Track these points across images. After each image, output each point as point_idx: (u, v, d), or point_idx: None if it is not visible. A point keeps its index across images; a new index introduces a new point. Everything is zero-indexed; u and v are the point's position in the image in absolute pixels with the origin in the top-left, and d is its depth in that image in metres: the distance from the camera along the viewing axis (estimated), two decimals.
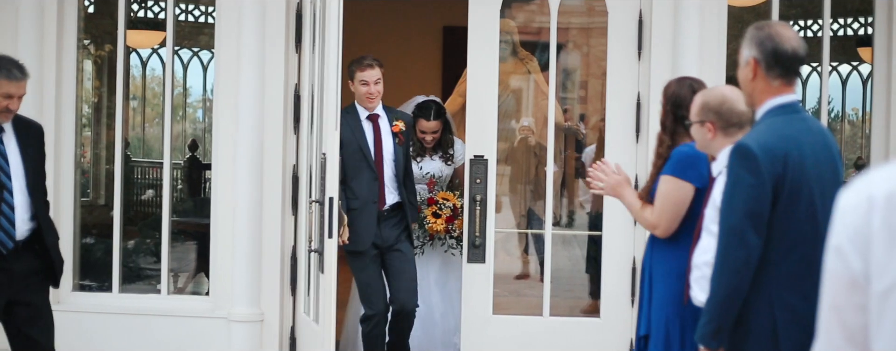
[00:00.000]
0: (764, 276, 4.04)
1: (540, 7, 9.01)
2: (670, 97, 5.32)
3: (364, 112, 7.30)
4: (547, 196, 7.75)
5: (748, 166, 3.97)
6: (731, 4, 7.57)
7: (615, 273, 7.50)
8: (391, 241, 7.30)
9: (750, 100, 4.24)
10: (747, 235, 4.00)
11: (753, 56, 4.14)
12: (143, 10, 10.95)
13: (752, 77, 4.16)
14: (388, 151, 7.30)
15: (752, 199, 3.99)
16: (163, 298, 7.93)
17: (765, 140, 4.00)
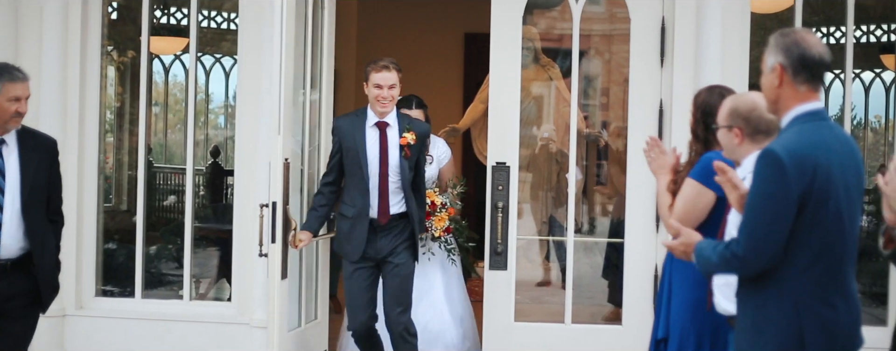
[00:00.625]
0: (790, 284, 4.02)
1: (561, 14, 9.02)
2: (700, 106, 5.31)
3: (372, 118, 6.95)
4: (569, 203, 7.73)
5: (774, 174, 3.96)
6: (754, 11, 7.56)
7: (637, 281, 7.48)
8: (385, 252, 6.95)
9: (773, 107, 4.22)
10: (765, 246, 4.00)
11: (779, 62, 4.12)
12: (166, 17, 10.99)
13: (779, 84, 4.14)
14: (393, 163, 6.93)
15: (772, 209, 3.98)
16: (185, 304, 7.95)
17: (793, 147, 3.99)
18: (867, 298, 8.19)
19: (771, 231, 3.97)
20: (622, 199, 7.91)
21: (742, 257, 4.01)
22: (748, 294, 4.14)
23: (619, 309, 7.89)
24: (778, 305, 4.04)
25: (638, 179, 7.47)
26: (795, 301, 4.02)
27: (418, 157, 7.07)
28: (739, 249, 4.02)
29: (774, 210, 3.96)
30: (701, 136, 5.29)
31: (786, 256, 4.01)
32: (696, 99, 5.38)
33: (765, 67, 4.21)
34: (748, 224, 4.01)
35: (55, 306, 7.65)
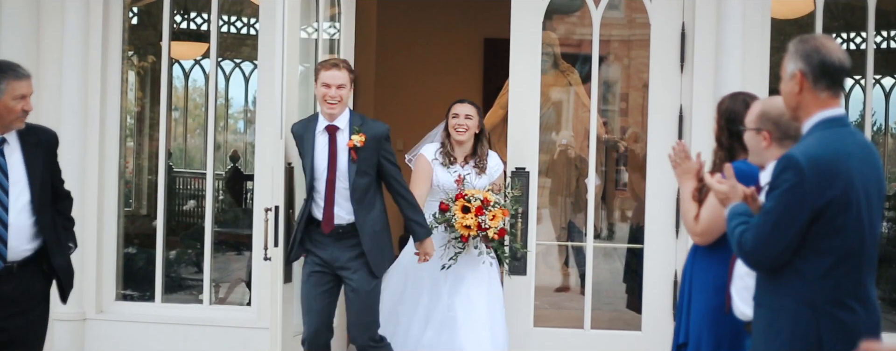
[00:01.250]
0: (809, 288, 4.03)
1: (581, 19, 9.01)
2: (724, 113, 5.29)
3: (323, 122, 6.54)
4: (588, 208, 7.73)
5: (791, 180, 3.97)
6: (775, 17, 7.55)
7: (657, 286, 7.47)
8: (338, 263, 6.53)
9: (794, 113, 4.22)
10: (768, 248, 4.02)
11: (799, 69, 4.13)
12: (186, 22, 11.01)
13: (799, 90, 4.14)
14: (341, 168, 6.48)
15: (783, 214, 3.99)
16: (205, 308, 7.97)
17: (814, 153, 3.99)
18: (887, 304, 8.17)
19: (777, 234, 4.00)
20: (641, 204, 7.90)
21: (747, 252, 4.10)
22: (766, 297, 4.16)
23: (636, 314, 7.88)
24: (795, 309, 4.05)
25: (657, 185, 7.46)
26: (814, 305, 4.03)
27: (377, 159, 6.53)
28: (746, 244, 4.07)
29: (785, 215, 3.98)
30: (725, 144, 5.28)
31: (805, 261, 4.02)
32: (720, 106, 5.37)
33: (784, 74, 4.21)
34: (759, 224, 4.05)
35: (75, 310, 7.72)
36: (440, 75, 12.49)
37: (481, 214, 7.02)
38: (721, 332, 5.12)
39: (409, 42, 12.70)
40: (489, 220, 7.02)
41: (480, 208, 7.01)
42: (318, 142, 6.52)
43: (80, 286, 7.79)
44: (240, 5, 10.89)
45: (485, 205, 7.03)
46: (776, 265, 4.07)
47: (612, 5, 7.91)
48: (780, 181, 4.00)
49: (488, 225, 7.01)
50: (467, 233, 7.03)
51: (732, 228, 4.22)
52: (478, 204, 7.02)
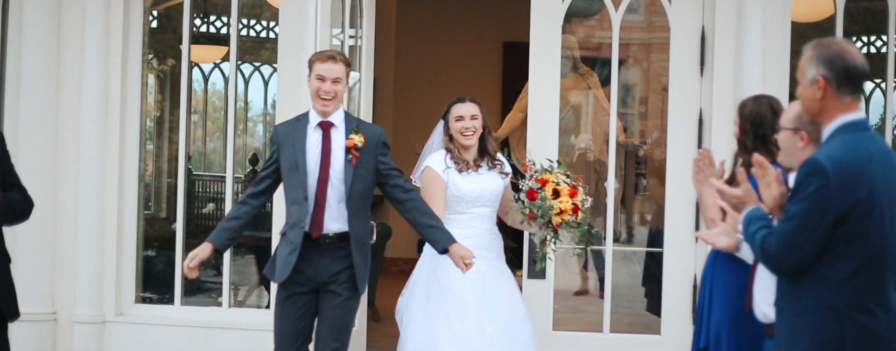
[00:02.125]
0: (831, 293, 4.01)
1: (600, 22, 9.00)
2: (749, 116, 5.27)
3: (315, 119, 6.02)
4: (607, 212, 7.71)
5: (816, 184, 3.95)
6: (795, 20, 7.53)
7: (676, 290, 7.45)
8: (325, 276, 5.97)
9: (813, 117, 4.20)
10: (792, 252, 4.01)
11: (822, 75, 4.11)
12: (206, 25, 11.04)
13: (822, 96, 4.12)
14: (336, 167, 5.94)
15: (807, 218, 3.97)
16: (224, 311, 7.98)
17: (839, 158, 3.98)
18: None
19: (802, 239, 3.98)
20: (660, 208, 7.88)
21: (771, 257, 4.07)
22: (787, 302, 4.14)
23: (655, 318, 7.86)
24: (818, 314, 4.03)
25: (677, 188, 7.44)
26: (836, 310, 4.01)
27: (374, 166, 6.00)
28: (770, 249, 4.05)
29: (810, 219, 3.96)
30: (750, 147, 5.26)
31: (828, 266, 4.00)
32: (743, 109, 5.34)
33: (803, 79, 4.19)
34: (783, 228, 4.03)
35: (95, 313, 7.74)
36: (459, 79, 12.49)
37: (576, 195, 6.33)
38: (742, 335, 5.11)
39: (429, 45, 12.71)
40: (561, 203, 6.29)
41: (575, 189, 6.33)
42: (311, 139, 5.99)
43: (100, 289, 7.82)
44: (259, 8, 10.91)
45: (540, 184, 6.35)
46: (799, 270, 4.05)
47: (632, 8, 7.90)
48: (805, 185, 3.98)
49: (562, 199, 6.29)
50: (560, 220, 6.28)
51: (752, 232, 4.20)
52: (569, 186, 6.34)
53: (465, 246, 5.95)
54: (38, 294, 7.78)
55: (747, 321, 4.83)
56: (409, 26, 12.67)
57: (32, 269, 7.73)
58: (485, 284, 6.39)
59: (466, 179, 6.46)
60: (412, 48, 12.68)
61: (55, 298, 7.87)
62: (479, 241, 6.39)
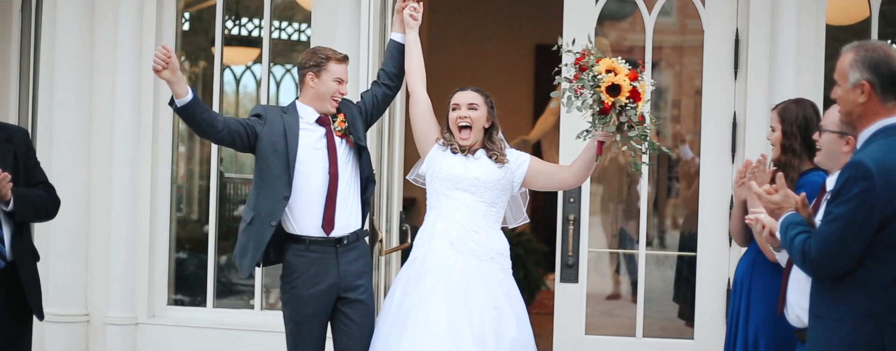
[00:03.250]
0: (873, 298, 3.98)
1: (632, 25, 8.97)
2: (796, 120, 5.24)
3: (312, 115, 5.82)
4: (641, 216, 7.67)
5: (861, 187, 3.91)
6: (829, 23, 7.48)
7: (710, 294, 7.41)
8: (349, 282, 5.76)
9: (855, 120, 4.17)
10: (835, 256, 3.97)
11: (866, 79, 4.08)
12: (238, 28, 11.06)
13: (865, 100, 4.09)
14: (343, 161, 5.81)
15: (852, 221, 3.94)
16: (256, 314, 7.99)
17: (884, 159, 3.95)
18: None
19: (845, 241, 3.95)
20: (693, 212, 7.85)
21: (812, 260, 4.03)
22: (825, 308, 4.11)
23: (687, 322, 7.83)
24: (858, 320, 4.00)
25: (710, 192, 7.40)
26: (877, 316, 3.98)
27: (366, 120, 6.00)
28: (812, 252, 4.02)
29: (854, 222, 3.93)
30: (798, 151, 5.22)
31: (867, 271, 3.97)
32: (786, 113, 5.31)
33: (844, 81, 4.15)
34: (826, 230, 3.99)
35: (128, 314, 7.76)
36: (492, 82, 12.37)
37: (636, 78, 5.40)
38: (781, 340, 5.08)
39: (461, 48, 12.70)
40: (641, 89, 5.41)
41: (635, 73, 5.43)
42: (306, 136, 5.77)
43: (132, 291, 7.85)
44: (291, 11, 10.92)
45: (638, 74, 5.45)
46: (839, 274, 4.01)
47: (664, 11, 7.86)
48: (850, 187, 3.94)
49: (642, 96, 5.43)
50: (612, 100, 5.33)
51: (791, 237, 4.17)
52: (628, 69, 5.43)
53: (435, 242, 5.63)
54: (72, 296, 7.81)
55: (786, 326, 4.80)
56: (441, 28, 12.66)
57: (66, 270, 7.76)
58: (452, 299, 5.58)
59: (454, 159, 5.78)
60: (444, 50, 12.67)
61: (88, 299, 7.90)
62: (452, 236, 5.65)
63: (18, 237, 5.63)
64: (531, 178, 5.84)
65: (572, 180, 5.83)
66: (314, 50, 5.95)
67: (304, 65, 5.88)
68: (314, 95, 5.83)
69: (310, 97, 5.85)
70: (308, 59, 5.89)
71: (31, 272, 5.73)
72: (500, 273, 5.71)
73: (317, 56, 5.86)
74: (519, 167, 5.81)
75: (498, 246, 5.74)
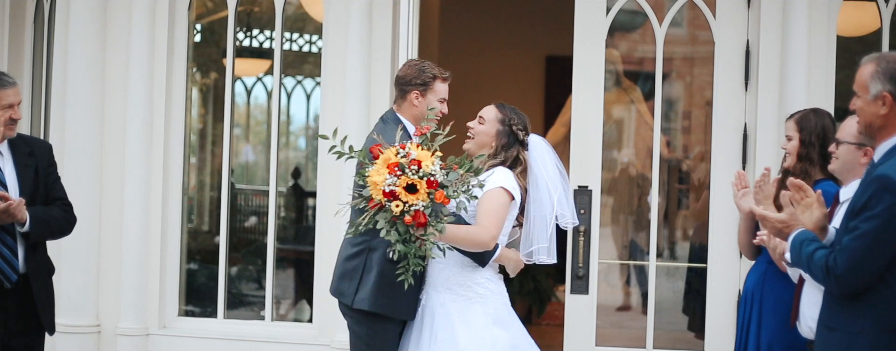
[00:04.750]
0: (893, 312, 3.98)
1: (643, 36, 8.97)
2: (816, 130, 5.25)
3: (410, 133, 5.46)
4: (651, 227, 7.67)
5: (891, 200, 3.90)
6: (840, 34, 7.47)
7: (720, 306, 7.40)
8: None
9: (876, 132, 4.15)
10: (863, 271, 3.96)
11: (889, 91, 4.07)
12: (249, 39, 11.08)
13: (886, 112, 4.08)
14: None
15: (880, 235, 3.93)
16: (267, 325, 7.99)
17: None
18: None
19: (873, 256, 3.93)
20: (704, 223, 7.84)
21: (838, 276, 3.99)
22: (841, 321, 4.09)
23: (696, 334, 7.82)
24: (876, 335, 3.99)
25: (721, 204, 7.39)
26: (894, 330, 3.96)
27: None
28: (837, 267, 3.98)
29: (882, 237, 3.92)
30: (816, 161, 5.23)
31: (886, 285, 3.96)
32: (804, 122, 5.32)
33: (864, 93, 4.14)
34: (853, 246, 3.96)
35: (139, 325, 7.77)
36: (502, 92, 12.39)
37: (394, 173, 4.78)
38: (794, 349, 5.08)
39: (472, 59, 12.70)
40: (403, 187, 4.77)
41: (395, 165, 4.79)
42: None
43: (143, 301, 7.86)
44: (302, 23, 10.95)
45: (407, 166, 4.80)
46: (864, 288, 3.99)
47: (675, 22, 7.86)
48: (877, 201, 3.92)
49: (400, 194, 4.77)
50: (379, 198, 4.80)
51: (809, 253, 4.13)
52: (396, 158, 4.82)
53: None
54: (83, 306, 7.83)
55: (798, 337, 4.80)
56: (452, 39, 12.67)
57: (77, 281, 7.78)
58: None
59: None
60: (454, 61, 12.66)
61: (99, 310, 7.91)
62: (429, 271, 5.44)
63: (32, 251, 5.65)
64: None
65: None
66: (420, 67, 5.64)
67: (409, 81, 5.60)
68: (417, 114, 5.57)
69: (411, 115, 5.59)
70: (415, 76, 5.60)
71: (46, 286, 5.75)
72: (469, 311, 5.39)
73: (424, 74, 5.59)
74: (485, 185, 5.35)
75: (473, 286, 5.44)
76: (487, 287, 5.36)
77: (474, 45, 12.81)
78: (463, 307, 5.31)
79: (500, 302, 5.38)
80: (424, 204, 4.78)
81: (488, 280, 5.38)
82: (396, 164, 4.77)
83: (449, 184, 4.86)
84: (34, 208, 5.58)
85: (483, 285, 5.36)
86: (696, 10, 7.56)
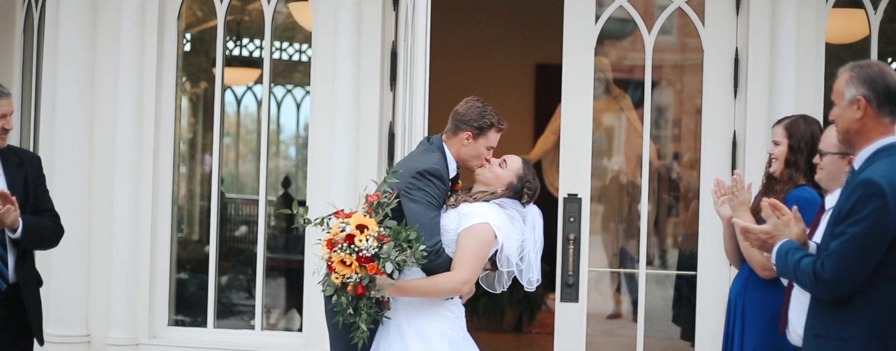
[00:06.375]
0: (881, 317, 4.00)
1: (632, 44, 8.99)
2: (805, 136, 5.26)
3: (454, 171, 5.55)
4: (641, 235, 7.67)
5: (875, 205, 3.93)
6: (829, 42, 7.49)
7: (710, 314, 7.40)
8: None
9: (853, 138, 4.19)
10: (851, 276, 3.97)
11: (862, 95, 4.10)
12: (239, 48, 11.08)
13: (861, 116, 4.11)
14: None
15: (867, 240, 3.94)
16: (257, 334, 7.97)
17: (892, 177, 3.97)
18: None
19: (861, 260, 3.96)
20: (694, 231, 7.85)
21: (826, 281, 4.01)
22: (829, 328, 4.11)
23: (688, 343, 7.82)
24: (866, 342, 4.01)
25: (711, 211, 7.38)
26: (885, 336, 3.99)
27: None
28: (825, 272, 4.01)
29: (870, 241, 3.94)
30: (802, 167, 5.24)
31: (875, 290, 3.99)
32: (794, 128, 5.33)
33: (840, 100, 4.19)
34: (841, 250, 3.98)
35: (129, 335, 7.75)
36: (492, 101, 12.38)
37: (331, 248, 5.10)
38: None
39: (461, 67, 12.70)
40: (336, 257, 5.06)
41: (329, 242, 5.12)
42: None
43: (133, 311, 7.83)
44: (292, 32, 10.95)
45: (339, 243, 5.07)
46: (851, 294, 4.01)
47: (665, 30, 7.88)
48: (863, 206, 3.95)
49: (335, 264, 5.07)
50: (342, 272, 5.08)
51: (795, 261, 4.15)
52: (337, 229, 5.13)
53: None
54: (72, 316, 7.80)
55: (785, 345, 4.81)
56: (441, 47, 12.66)
57: (67, 291, 7.75)
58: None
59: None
60: (443, 69, 12.67)
61: (89, 320, 7.88)
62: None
63: (22, 260, 5.66)
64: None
65: None
66: (482, 111, 5.53)
67: (466, 121, 5.51)
68: (463, 154, 5.49)
69: (456, 152, 5.51)
70: (474, 118, 5.51)
71: (34, 296, 5.76)
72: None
73: (483, 119, 5.47)
74: (463, 219, 5.36)
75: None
76: (450, 309, 5.35)
77: (464, 53, 12.82)
78: (421, 323, 5.29)
79: (458, 324, 5.37)
80: (359, 276, 5.00)
81: (451, 302, 5.36)
82: (330, 241, 5.07)
83: (384, 255, 5.00)
84: (26, 216, 5.60)
85: (446, 306, 5.34)
86: (685, 17, 7.57)
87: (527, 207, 5.46)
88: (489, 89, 12.40)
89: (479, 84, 12.49)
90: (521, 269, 5.39)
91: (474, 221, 5.24)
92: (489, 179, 5.44)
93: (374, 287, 5.05)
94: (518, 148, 10.70)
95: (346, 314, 5.10)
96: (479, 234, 5.24)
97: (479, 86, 12.48)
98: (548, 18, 8.72)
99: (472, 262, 5.21)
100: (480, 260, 5.27)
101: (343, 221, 5.10)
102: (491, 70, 12.88)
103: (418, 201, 5.25)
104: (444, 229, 5.28)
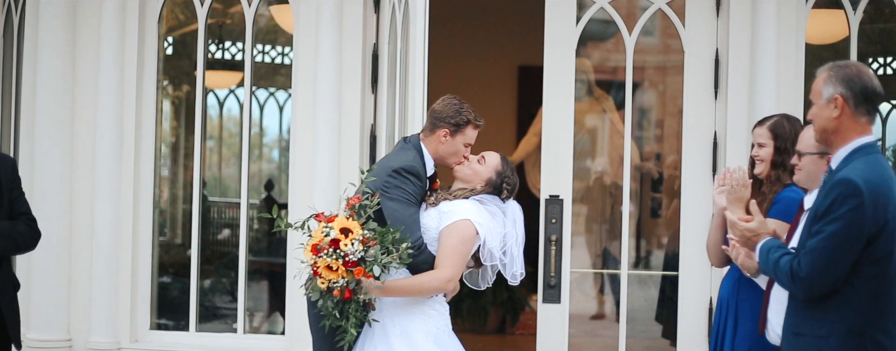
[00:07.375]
0: (858, 315, 4.02)
1: (615, 46, 9.01)
2: (791, 137, 5.25)
3: (431, 168, 5.55)
4: (623, 236, 7.68)
5: (852, 204, 3.96)
6: (809, 42, 7.51)
7: (692, 314, 7.41)
8: None
9: (830, 137, 4.21)
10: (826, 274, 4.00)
11: (840, 93, 4.13)
12: (221, 51, 11.07)
13: (839, 115, 4.14)
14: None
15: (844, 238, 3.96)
16: (239, 337, 7.96)
17: (869, 177, 4.00)
18: None
19: (838, 258, 3.98)
20: (676, 231, 7.86)
21: (802, 278, 4.05)
22: (808, 326, 4.13)
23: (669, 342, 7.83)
24: (843, 337, 4.04)
25: (692, 211, 7.41)
26: (861, 333, 4.02)
27: None
28: (802, 270, 4.04)
29: (846, 240, 3.97)
30: (789, 167, 5.25)
31: (852, 288, 4.02)
32: (779, 129, 5.32)
33: (818, 99, 4.21)
34: (817, 248, 4.01)
35: (110, 339, 7.74)
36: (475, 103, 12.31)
37: (316, 253, 5.04)
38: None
39: (443, 70, 12.70)
40: (322, 262, 5.03)
41: (314, 246, 5.05)
42: None
43: (115, 315, 7.82)
44: (274, 34, 10.95)
45: (361, 260, 5.02)
46: (828, 292, 4.04)
47: (647, 31, 7.89)
48: (840, 204, 3.98)
49: (321, 270, 5.03)
50: (325, 298, 5.12)
51: (775, 259, 4.19)
52: (320, 234, 5.07)
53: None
54: (54, 320, 7.78)
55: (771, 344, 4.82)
56: None
57: (48, 295, 7.73)
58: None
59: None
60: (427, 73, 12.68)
61: (70, 324, 7.86)
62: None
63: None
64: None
65: None
66: (458, 108, 5.54)
67: (443, 118, 5.52)
68: (441, 152, 5.50)
69: (434, 150, 5.52)
70: (450, 115, 5.52)
71: (11, 301, 5.73)
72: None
73: (459, 116, 5.49)
74: (444, 217, 5.38)
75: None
76: (434, 307, 5.37)
77: (446, 55, 12.81)
78: (406, 323, 5.29)
79: (443, 323, 5.39)
80: (346, 280, 4.99)
81: (435, 301, 5.37)
82: (315, 246, 5.01)
83: (370, 258, 4.99)
84: (1, 223, 5.58)
85: (430, 305, 5.35)
86: (667, 19, 7.59)
87: (506, 203, 5.49)
88: (472, 91, 12.38)
89: (461, 86, 12.47)
90: (505, 263, 5.41)
91: (455, 218, 5.26)
92: (468, 175, 5.47)
93: (360, 290, 5.04)
94: (501, 150, 10.62)
95: (333, 318, 5.09)
96: (461, 230, 5.26)
97: (462, 88, 12.44)
98: (530, 20, 8.72)
99: (455, 259, 5.24)
100: (463, 257, 5.29)
101: (326, 225, 5.06)
102: (473, 72, 12.87)
103: (396, 199, 5.27)
104: (425, 228, 5.30)
